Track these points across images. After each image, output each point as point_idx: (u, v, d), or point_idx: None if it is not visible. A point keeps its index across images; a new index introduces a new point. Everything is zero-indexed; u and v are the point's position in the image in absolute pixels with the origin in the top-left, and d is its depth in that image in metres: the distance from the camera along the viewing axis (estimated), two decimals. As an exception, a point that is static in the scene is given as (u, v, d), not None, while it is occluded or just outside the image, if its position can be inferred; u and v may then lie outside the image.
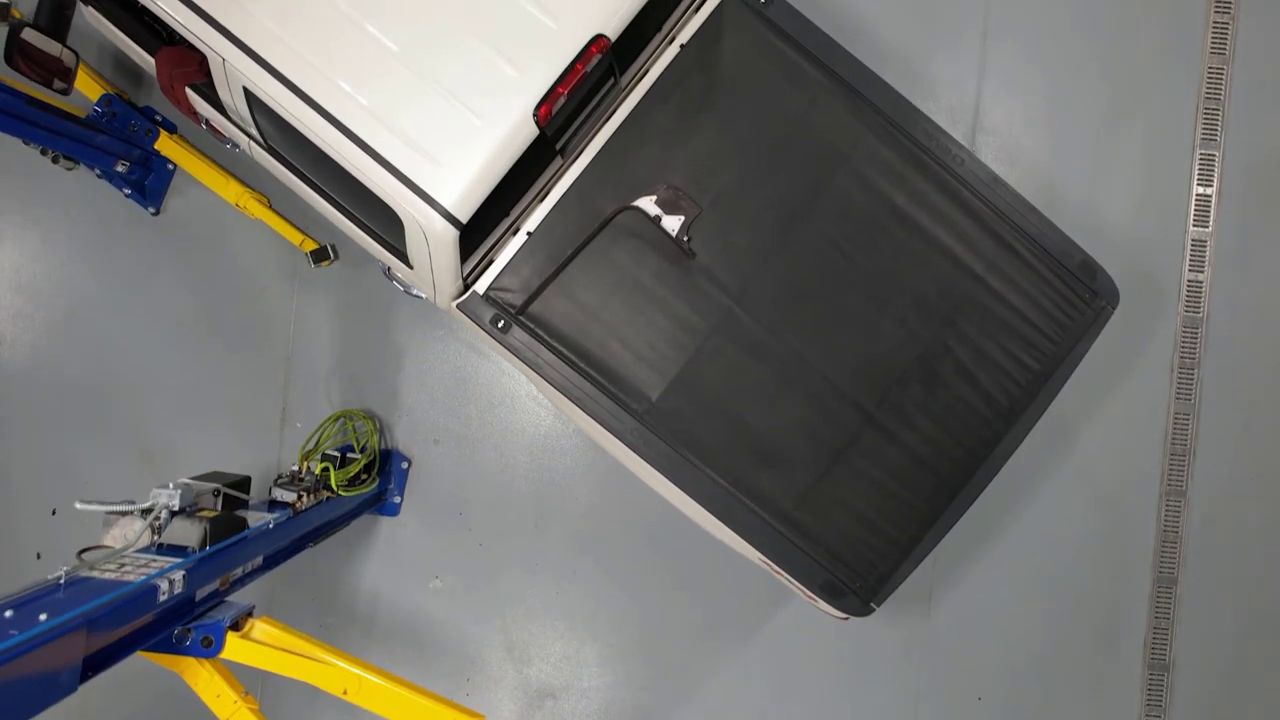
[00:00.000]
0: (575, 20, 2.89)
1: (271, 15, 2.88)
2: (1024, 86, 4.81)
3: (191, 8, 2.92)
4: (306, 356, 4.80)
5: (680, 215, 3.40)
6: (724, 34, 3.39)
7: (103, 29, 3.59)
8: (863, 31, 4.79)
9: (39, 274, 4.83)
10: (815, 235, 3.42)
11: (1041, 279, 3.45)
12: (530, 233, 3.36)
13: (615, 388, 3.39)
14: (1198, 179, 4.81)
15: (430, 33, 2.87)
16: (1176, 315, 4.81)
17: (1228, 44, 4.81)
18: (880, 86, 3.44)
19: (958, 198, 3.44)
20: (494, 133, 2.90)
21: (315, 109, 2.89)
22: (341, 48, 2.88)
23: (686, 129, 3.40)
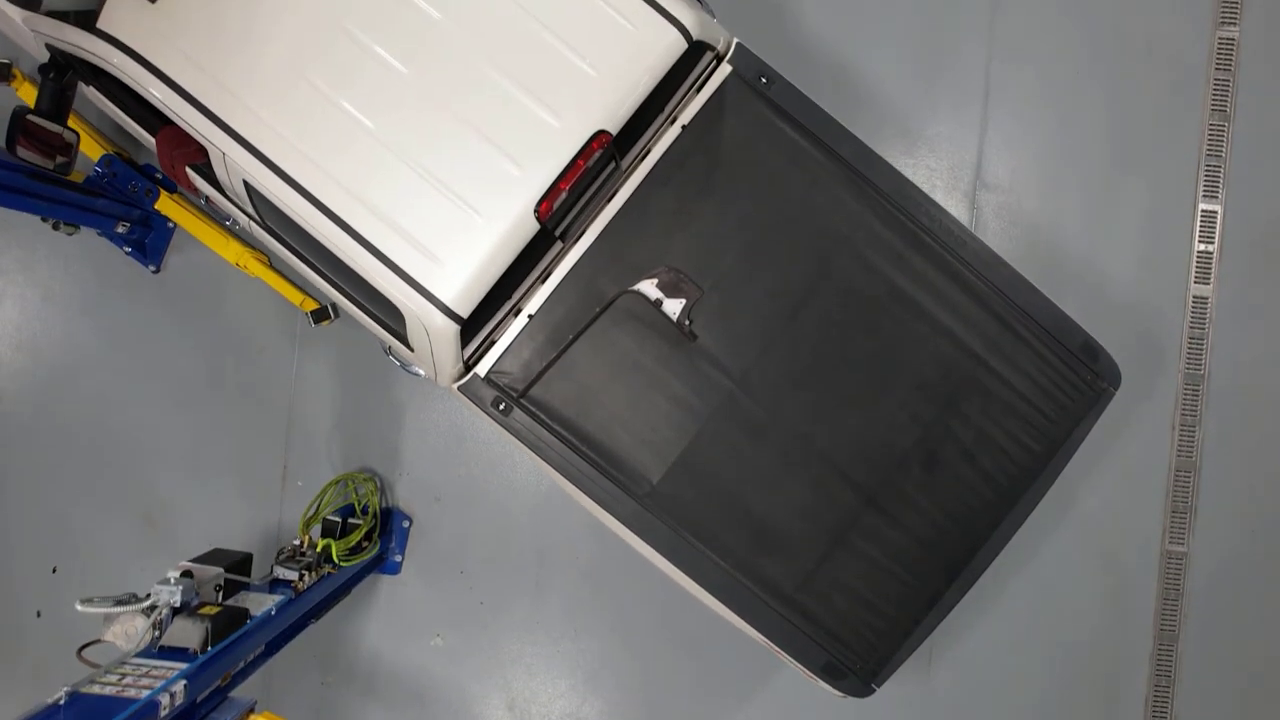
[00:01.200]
0: (578, 117, 2.89)
1: (273, 112, 2.88)
2: (1025, 143, 4.81)
3: (192, 103, 2.92)
4: (307, 415, 4.80)
5: (682, 298, 3.39)
6: (725, 114, 3.39)
7: (103, 107, 3.58)
8: (864, 88, 4.79)
9: (39, 332, 4.83)
10: (817, 317, 3.42)
11: (1043, 360, 3.45)
12: (531, 315, 3.36)
13: (616, 471, 3.39)
14: (1199, 236, 4.81)
15: (433, 131, 2.87)
16: (1178, 372, 4.81)
17: (1228, 101, 4.81)
18: (882, 166, 3.44)
19: (959, 278, 3.43)
20: (495, 229, 2.89)
21: (315, 205, 2.88)
22: (343, 145, 2.87)
23: (688, 210, 3.40)
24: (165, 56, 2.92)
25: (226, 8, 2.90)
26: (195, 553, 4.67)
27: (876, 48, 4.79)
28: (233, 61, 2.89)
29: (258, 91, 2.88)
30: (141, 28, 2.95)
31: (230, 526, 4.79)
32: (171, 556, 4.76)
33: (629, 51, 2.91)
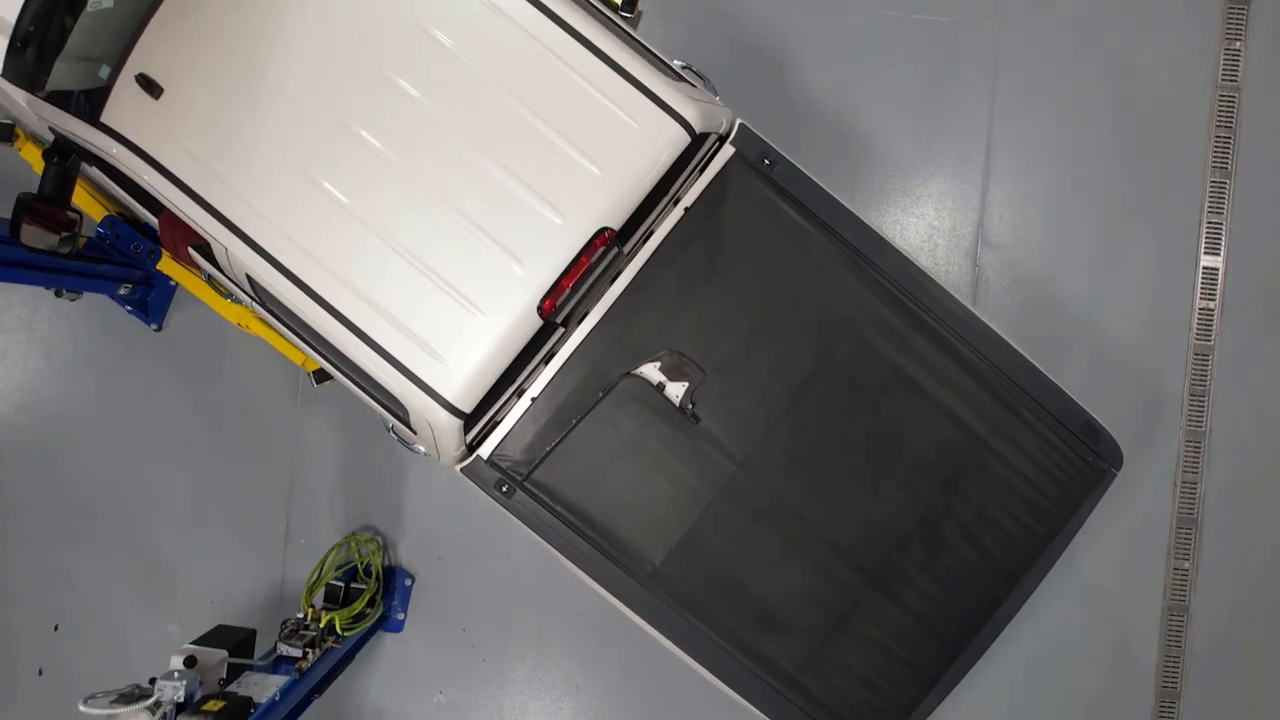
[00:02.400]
0: (581, 215, 2.89)
1: (275, 209, 2.88)
2: (1027, 199, 4.81)
3: (194, 198, 2.92)
4: (309, 472, 4.80)
5: (684, 381, 3.40)
6: (728, 196, 3.39)
7: (105, 185, 3.59)
8: (866, 144, 4.80)
9: (42, 389, 4.84)
10: (819, 400, 3.42)
11: (1044, 441, 3.45)
12: (534, 398, 3.36)
13: (618, 553, 3.40)
14: (1200, 292, 4.82)
15: (435, 228, 2.87)
16: (1179, 428, 4.81)
17: (1230, 158, 4.81)
18: (884, 248, 3.44)
19: (961, 360, 3.44)
20: (498, 327, 2.89)
21: (318, 301, 2.88)
22: (346, 241, 2.87)
23: (691, 293, 3.40)
24: (168, 152, 2.92)
25: (229, 106, 2.90)
26: (197, 611, 4.73)
27: (879, 102, 4.79)
28: (235, 158, 2.89)
29: (260, 188, 2.88)
30: (144, 123, 2.95)
31: (232, 584, 4.80)
32: (173, 614, 4.82)
33: (632, 148, 2.91)
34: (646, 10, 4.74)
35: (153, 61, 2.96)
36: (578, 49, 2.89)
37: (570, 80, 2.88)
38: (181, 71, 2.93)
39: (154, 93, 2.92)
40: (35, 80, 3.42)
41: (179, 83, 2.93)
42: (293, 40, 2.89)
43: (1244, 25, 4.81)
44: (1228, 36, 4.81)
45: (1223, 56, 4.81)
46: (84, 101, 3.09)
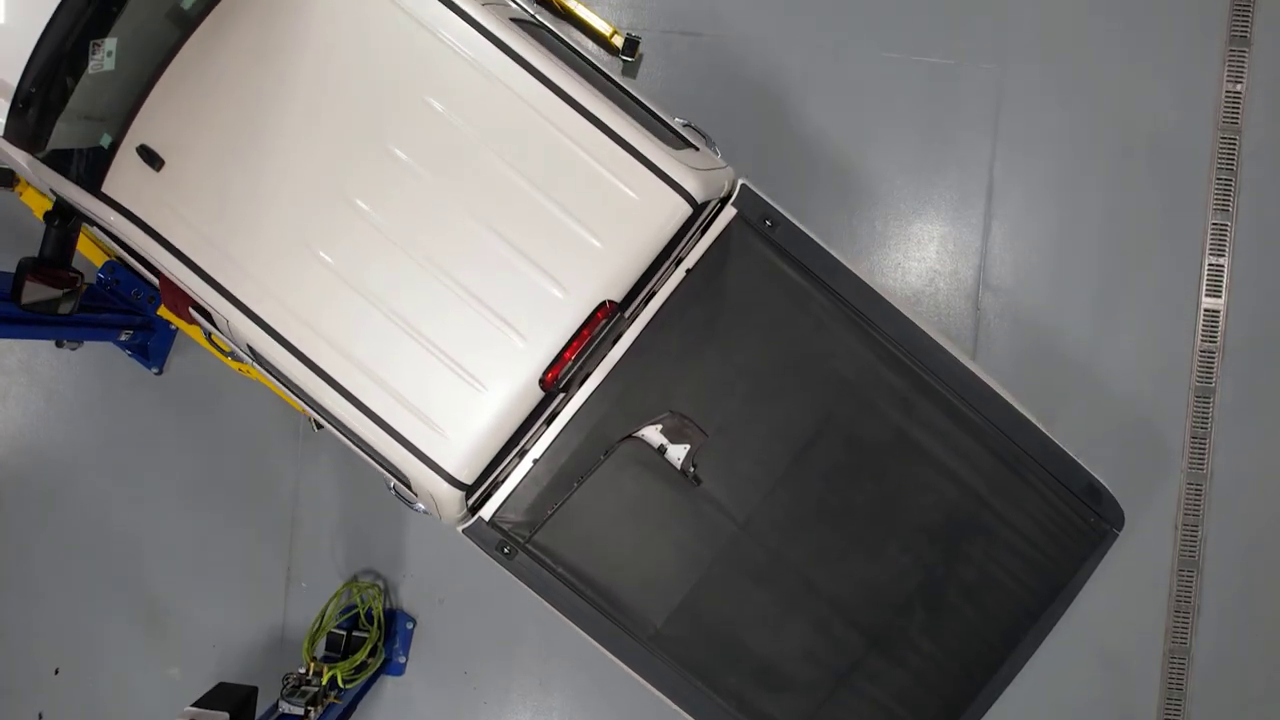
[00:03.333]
0: (583, 288, 2.88)
1: (277, 282, 2.87)
2: (1028, 241, 4.81)
3: (195, 270, 2.92)
4: (310, 515, 4.80)
5: (686, 444, 3.39)
6: (730, 258, 3.39)
7: (107, 244, 3.58)
8: (868, 187, 4.79)
9: (43, 433, 4.84)
10: (821, 461, 3.41)
11: (1046, 502, 3.45)
12: (536, 460, 3.36)
13: (620, 614, 3.40)
14: (1202, 334, 4.82)
15: (436, 303, 2.86)
16: (1180, 471, 4.81)
17: (1231, 201, 4.81)
18: (886, 309, 3.43)
19: (963, 421, 3.43)
20: (500, 401, 2.89)
21: (319, 374, 2.88)
22: (347, 315, 2.87)
23: (692, 355, 3.39)
24: (169, 224, 2.92)
25: (230, 178, 2.89)
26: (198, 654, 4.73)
27: (880, 145, 4.79)
28: (236, 231, 2.89)
29: (261, 261, 2.88)
30: (145, 194, 2.95)
31: (234, 627, 4.80)
32: (174, 657, 4.82)
33: (633, 220, 2.90)
34: (647, 53, 4.76)
35: (154, 132, 2.95)
36: (578, 120, 2.88)
37: (571, 152, 2.88)
38: (182, 143, 2.93)
39: (155, 165, 2.92)
40: (36, 141, 3.41)
41: (180, 154, 2.92)
42: (293, 112, 2.89)
43: (1243, 68, 4.81)
44: (1228, 79, 4.81)
45: (1223, 99, 4.81)
46: (85, 169, 3.09)
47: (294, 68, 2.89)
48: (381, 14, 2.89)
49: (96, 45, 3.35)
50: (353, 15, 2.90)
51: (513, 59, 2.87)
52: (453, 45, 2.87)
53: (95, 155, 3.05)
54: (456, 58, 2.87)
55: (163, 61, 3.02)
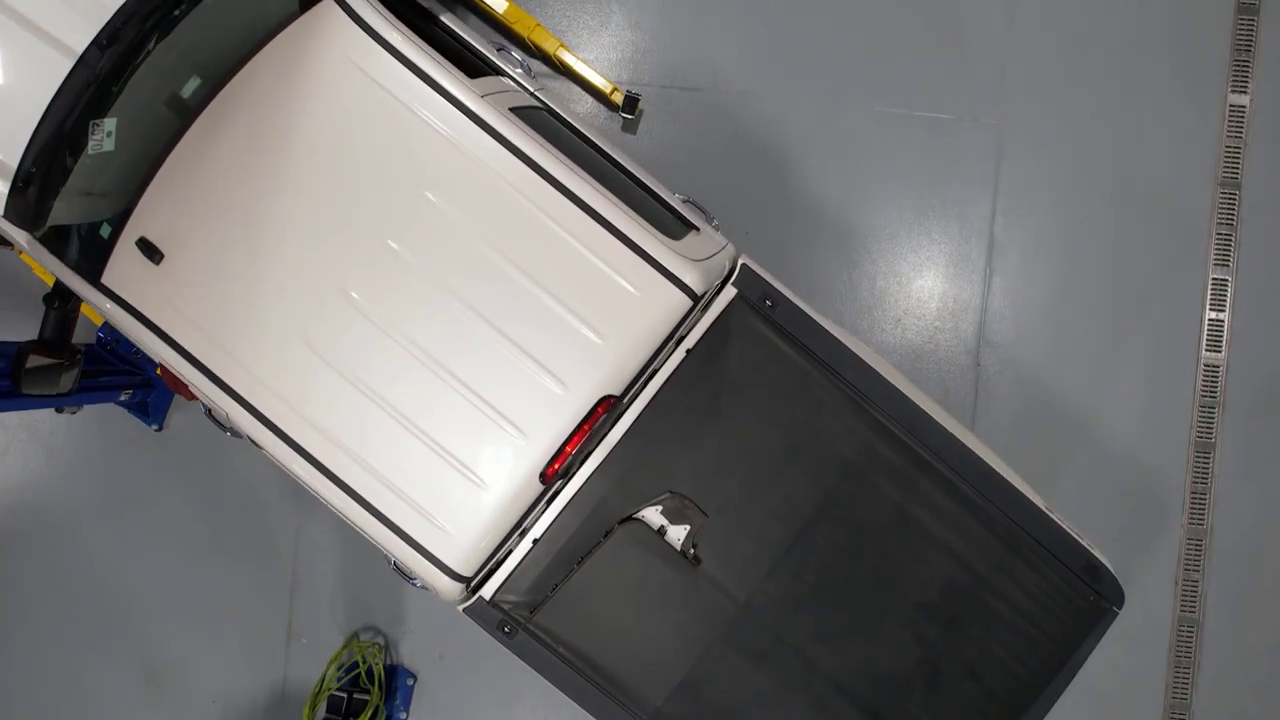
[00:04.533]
0: (584, 384, 2.89)
1: (276, 378, 2.88)
2: (1028, 297, 4.81)
3: (193, 363, 2.92)
4: (311, 570, 4.81)
5: (686, 525, 3.39)
6: (730, 338, 3.38)
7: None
8: (869, 246, 4.79)
9: (43, 490, 4.84)
10: (821, 540, 3.42)
11: (1046, 581, 3.45)
12: (537, 539, 3.36)
13: (620, 693, 3.40)
14: (1202, 389, 4.81)
15: (437, 399, 2.86)
16: (1180, 526, 4.81)
17: (1231, 256, 4.81)
18: (886, 389, 3.43)
19: (964, 500, 3.43)
20: (501, 496, 2.90)
21: (319, 469, 2.89)
22: (347, 412, 2.87)
23: (692, 435, 3.39)
24: (168, 318, 2.92)
25: (230, 273, 2.89)
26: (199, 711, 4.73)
27: (880, 200, 4.79)
28: (235, 325, 2.89)
29: (260, 356, 2.88)
30: (144, 287, 2.95)
31: (234, 683, 4.80)
32: (175, 713, 4.82)
33: (634, 315, 2.91)
34: (647, 109, 4.76)
35: (153, 224, 2.96)
36: (578, 215, 2.88)
37: (571, 247, 2.88)
38: (182, 236, 2.93)
39: (154, 258, 2.92)
40: (36, 220, 3.41)
41: (179, 247, 2.92)
42: (292, 205, 2.89)
43: (1244, 124, 4.80)
44: (1229, 135, 4.81)
45: (1223, 154, 4.81)
46: (84, 257, 3.08)
47: (292, 161, 2.89)
48: (381, 107, 2.88)
49: (96, 125, 3.35)
50: (352, 108, 2.89)
51: (512, 153, 2.87)
52: (451, 139, 2.87)
53: (95, 244, 3.05)
54: (455, 151, 2.87)
55: (163, 151, 3.02)
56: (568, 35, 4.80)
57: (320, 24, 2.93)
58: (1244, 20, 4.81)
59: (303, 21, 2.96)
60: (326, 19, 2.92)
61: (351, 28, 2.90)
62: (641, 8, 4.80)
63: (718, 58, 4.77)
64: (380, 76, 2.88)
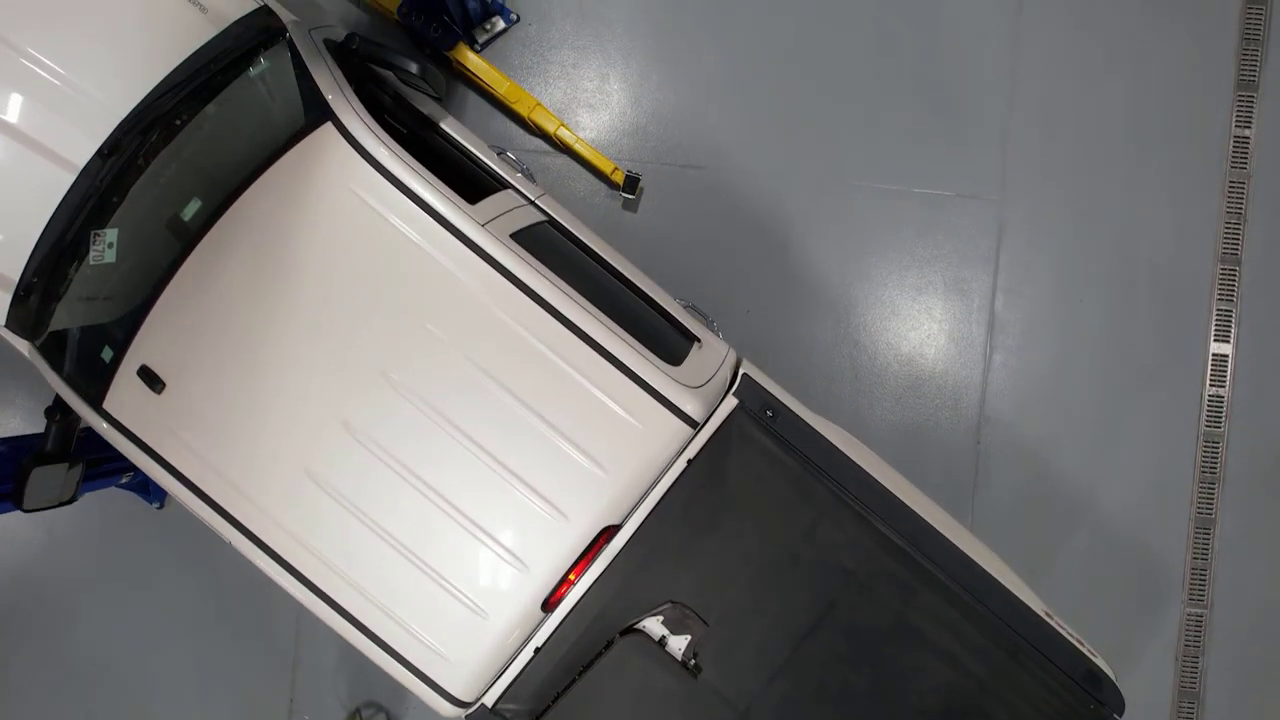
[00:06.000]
0: (586, 516, 2.90)
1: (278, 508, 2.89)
2: (1029, 375, 4.82)
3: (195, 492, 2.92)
4: (313, 647, 4.81)
5: (687, 635, 3.40)
6: (731, 449, 3.39)
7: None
8: (868, 322, 4.79)
9: (43, 568, 4.84)
10: (821, 649, 3.42)
11: (1047, 689, 3.45)
12: (538, 648, 3.36)
13: (621, 803, 3.40)
14: (1202, 464, 4.82)
15: (440, 531, 2.87)
16: (1180, 603, 4.82)
17: (1231, 331, 4.81)
18: (887, 498, 3.44)
19: (964, 608, 3.44)
20: (503, 624, 2.91)
21: (321, 597, 2.89)
22: (348, 542, 2.88)
23: (693, 544, 3.39)
24: (169, 446, 2.93)
25: (231, 403, 2.90)
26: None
27: (881, 279, 4.79)
28: (236, 454, 2.90)
29: (261, 485, 2.89)
30: (145, 414, 2.95)
31: (236, 760, 4.81)
32: (177, 790, 4.83)
33: (636, 447, 2.92)
34: (648, 186, 4.76)
35: (154, 352, 2.96)
36: (580, 346, 2.89)
37: (574, 380, 2.88)
38: (183, 364, 2.93)
39: (156, 387, 2.92)
40: (37, 328, 3.42)
41: (180, 375, 2.93)
42: (294, 335, 2.89)
43: (1244, 199, 4.81)
44: (1228, 210, 4.81)
45: (1223, 230, 4.81)
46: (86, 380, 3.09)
47: (293, 290, 2.89)
48: (381, 235, 2.89)
49: (98, 236, 3.36)
50: (353, 236, 2.90)
51: (514, 285, 2.87)
52: (452, 270, 2.87)
53: (97, 367, 3.06)
54: (456, 283, 2.87)
55: (164, 275, 3.02)
56: (567, 113, 4.80)
57: (320, 149, 2.93)
58: (1243, 96, 4.82)
59: (303, 146, 2.96)
60: (326, 144, 2.93)
61: (351, 154, 2.90)
62: (642, 86, 4.80)
63: (718, 135, 4.78)
64: (380, 205, 2.88)
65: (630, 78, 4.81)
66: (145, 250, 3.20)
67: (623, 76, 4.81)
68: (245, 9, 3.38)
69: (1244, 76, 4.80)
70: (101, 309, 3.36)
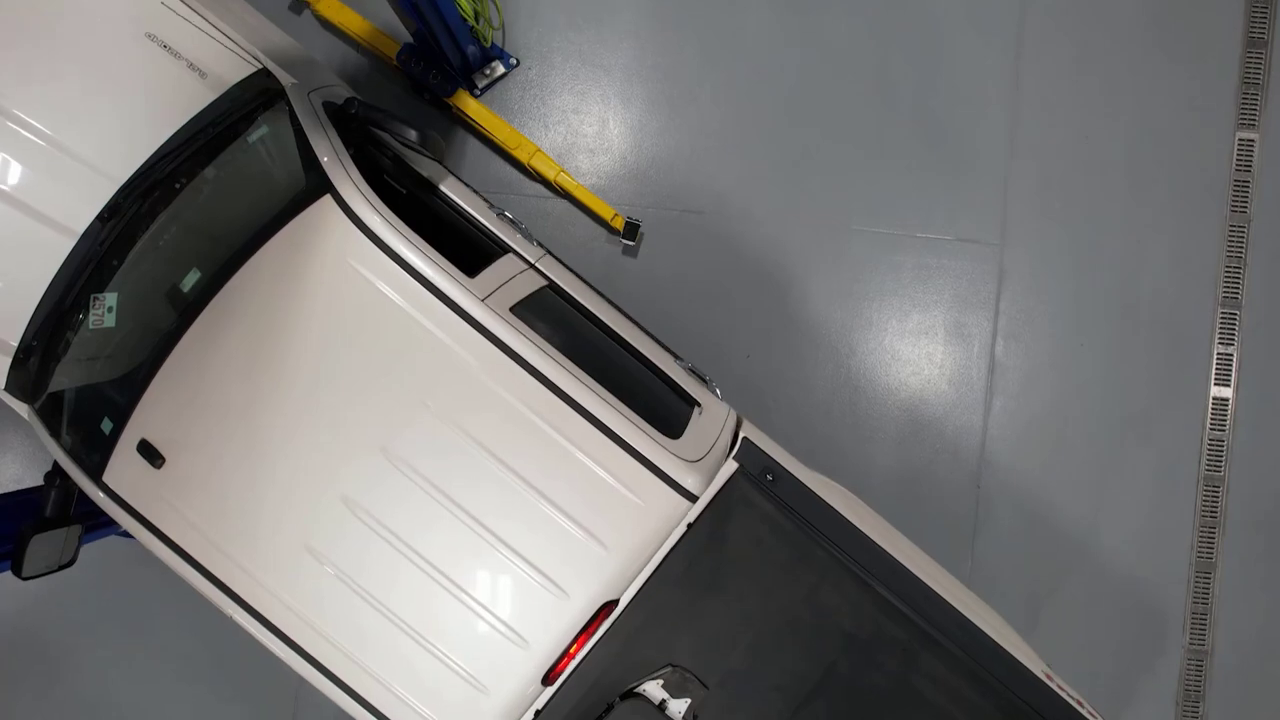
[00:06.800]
0: (587, 592, 2.89)
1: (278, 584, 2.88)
2: (1029, 420, 4.81)
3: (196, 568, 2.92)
4: (313, 696, 4.80)
5: (687, 698, 3.39)
6: (731, 512, 3.38)
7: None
8: (868, 367, 4.79)
9: (42, 613, 4.83)
10: (822, 713, 3.41)
11: (1048, 751, 3.45)
12: (539, 710, 3.35)
13: None
14: (1201, 510, 4.82)
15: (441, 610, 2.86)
16: (1181, 648, 4.82)
17: (1231, 375, 4.81)
18: (888, 563, 3.43)
19: (965, 671, 3.43)
20: (503, 700, 2.90)
21: (321, 671, 2.89)
22: (349, 619, 2.87)
23: (693, 607, 3.39)
24: (169, 521, 2.93)
25: (230, 478, 2.89)
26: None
27: (882, 324, 4.79)
28: (236, 530, 2.89)
29: (261, 561, 2.88)
30: (146, 489, 2.95)
31: (235, 806, 4.81)
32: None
33: (637, 523, 2.91)
34: (648, 230, 4.76)
35: (154, 427, 2.95)
36: (580, 423, 2.88)
37: (573, 456, 2.87)
38: (183, 438, 2.93)
39: (155, 462, 2.92)
40: (36, 390, 3.42)
41: (180, 451, 2.92)
42: (293, 411, 2.88)
43: (1244, 243, 4.80)
44: (1229, 255, 4.81)
45: (1223, 275, 4.81)
46: (86, 450, 3.08)
47: (292, 364, 2.88)
48: (380, 310, 2.88)
49: (97, 300, 3.36)
50: (351, 311, 2.89)
51: (515, 360, 2.87)
52: (452, 346, 2.86)
53: (96, 439, 3.05)
54: (456, 359, 2.86)
55: (164, 347, 3.01)
56: (568, 157, 4.80)
57: (319, 223, 2.93)
58: (1243, 140, 4.81)
59: (303, 218, 2.96)
60: (325, 218, 2.92)
61: (350, 229, 2.90)
62: (642, 130, 4.80)
63: (718, 180, 4.77)
64: (380, 280, 2.87)
65: (630, 122, 4.80)
66: (145, 318, 3.20)
67: (623, 121, 4.81)
68: (244, 73, 3.39)
69: (1244, 120, 4.80)
70: (101, 369, 3.36)
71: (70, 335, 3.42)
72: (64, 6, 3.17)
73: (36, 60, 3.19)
